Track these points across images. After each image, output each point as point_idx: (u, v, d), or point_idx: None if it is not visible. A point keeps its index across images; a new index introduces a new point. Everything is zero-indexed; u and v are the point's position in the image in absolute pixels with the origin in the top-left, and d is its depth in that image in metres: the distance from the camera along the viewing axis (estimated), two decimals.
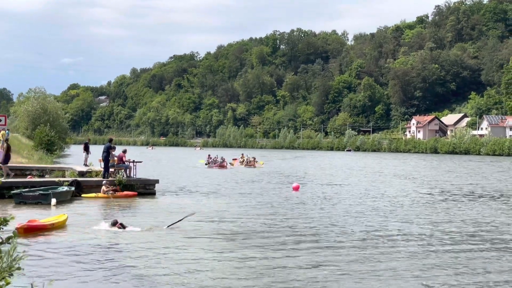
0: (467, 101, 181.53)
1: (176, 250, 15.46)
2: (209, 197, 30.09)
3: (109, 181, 29.11)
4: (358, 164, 77.13)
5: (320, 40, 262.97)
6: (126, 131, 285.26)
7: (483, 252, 16.01)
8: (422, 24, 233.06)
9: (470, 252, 15.85)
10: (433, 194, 33.21)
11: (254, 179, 44.05)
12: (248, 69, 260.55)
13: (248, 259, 14.48)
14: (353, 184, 40.20)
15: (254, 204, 27.11)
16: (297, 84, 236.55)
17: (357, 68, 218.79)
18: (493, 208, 26.61)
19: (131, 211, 24.32)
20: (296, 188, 34.52)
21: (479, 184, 41.56)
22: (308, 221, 21.39)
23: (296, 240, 17.34)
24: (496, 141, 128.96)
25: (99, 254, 14.82)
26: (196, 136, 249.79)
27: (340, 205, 27.12)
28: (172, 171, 53.80)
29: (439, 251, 15.93)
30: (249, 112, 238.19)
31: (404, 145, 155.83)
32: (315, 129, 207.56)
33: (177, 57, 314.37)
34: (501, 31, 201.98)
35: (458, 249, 16.31)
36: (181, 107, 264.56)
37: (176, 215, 22.40)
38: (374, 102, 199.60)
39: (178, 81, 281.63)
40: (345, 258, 14.70)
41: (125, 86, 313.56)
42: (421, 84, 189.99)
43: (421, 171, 59.92)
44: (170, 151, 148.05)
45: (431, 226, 20.59)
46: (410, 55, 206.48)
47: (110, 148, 30.38)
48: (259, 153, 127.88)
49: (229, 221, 21.11)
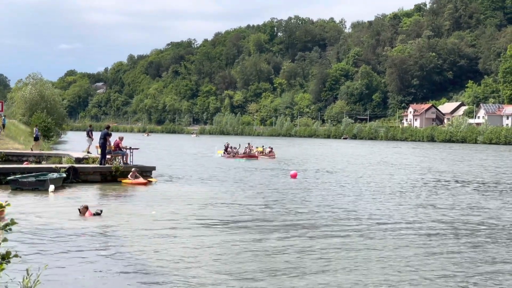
0: (464, 90, 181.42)
1: (170, 236, 15.50)
2: (206, 184, 30.13)
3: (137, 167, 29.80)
4: (355, 151, 77.21)
5: (317, 28, 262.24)
6: (123, 118, 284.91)
7: (474, 240, 16.09)
8: (420, 12, 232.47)
9: (459, 240, 15.94)
10: (429, 182, 33.28)
11: (252, 167, 44.05)
12: (245, 56, 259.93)
13: (241, 244, 14.55)
14: (351, 172, 40.27)
15: (251, 191, 27.14)
16: (294, 72, 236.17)
17: (354, 56, 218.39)
18: (490, 197, 26.70)
19: (128, 197, 24.34)
20: (294, 175, 34.55)
21: (473, 172, 41.68)
22: (304, 209, 21.45)
23: (291, 227, 17.39)
24: (492, 129, 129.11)
25: (91, 241, 14.83)
26: (193, 123, 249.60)
27: (336, 192, 27.17)
28: (169, 158, 53.82)
29: (432, 240, 16.00)
30: (246, 99, 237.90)
31: (401, 133, 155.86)
32: (312, 116, 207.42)
33: (174, 44, 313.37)
34: (499, 20, 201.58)
35: (452, 237, 16.40)
36: (178, 94, 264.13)
37: (171, 201, 22.48)
38: (371, 90, 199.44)
39: (175, 68, 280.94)
40: (339, 245, 14.76)
41: (122, 72, 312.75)
42: (418, 72, 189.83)
43: (416, 159, 60.01)
44: (166, 138, 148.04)
45: (425, 214, 20.67)
46: (408, 43, 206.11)
47: (107, 134, 30.35)
48: (257, 141, 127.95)
49: (224, 208, 21.19)
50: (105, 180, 28.98)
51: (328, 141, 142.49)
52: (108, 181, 28.79)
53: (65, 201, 21.93)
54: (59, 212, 19.00)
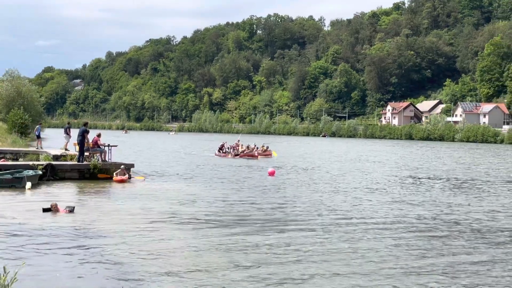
0: (442, 88, 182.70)
1: (146, 233, 15.46)
2: (184, 181, 30.07)
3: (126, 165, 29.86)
4: (334, 149, 77.47)
5: (296, 26, 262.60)
6: (101, 115, 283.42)
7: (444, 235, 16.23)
8: (398, 11, 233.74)
9: (429, 234, 16.07)
10: (403, 179, 33.49)
11: (231, 164, 44.05)
12: (224, 54, 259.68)
13: (217, 241, 14.56)
14: (329, 169, 40.42)
15: (227, 188, 27.17)
16: (273, 70, 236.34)
17: (333, 54, 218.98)
18: (463, 194, 26.93)
19: (106, 194, 24.23)
20: (271, 173, 34.58)
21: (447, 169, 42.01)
22: (280, 206, 21.53)
23: (267, 223, 17.46)
24: (470, 127, 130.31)
25: (68, 238, 14.76)
26: (172, 120, 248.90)
27: (313, 189, 27.25)
28: (148, 156, 53.60)
29: (407, 235, 16.13)
30: (225, 97, 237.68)
31: (379, 131, 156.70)
32: (291, 114, 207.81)
33: (153, 41, 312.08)
34: (476, 19, 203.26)
35: (424, 233, 16.53)
36: (157, 91, 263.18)
37: (149, 198, 22.43)
38: (350, 88, 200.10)
39: (154, 65, 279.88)
40: (313, 240, 14.85)
41: (100, 69, 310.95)
42: (397, 70, 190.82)
43: (393, 157, 60.36)
44: (145, 135, 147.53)
45: (397, 209, 20.84)
46: (386, 42, 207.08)
47: (85, 132, 30.13)
48: (235, 138, 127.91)
49: (201, 205, 21.19)
50: (83, 177, 28.80)
51: (307, 138, 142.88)
52: (86, 179, 28.62)
53: (42, 199, 21.75)
54: (35, 210, 18.86)
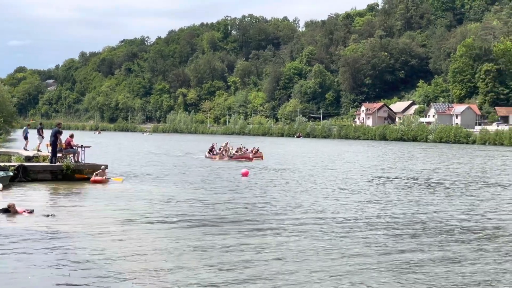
0: (415, 89, 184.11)
1: (120, 234, 15.39)
2: (157, 183, 29.95)
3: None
4: (308, 149, 77.67)
5: (271, 26, 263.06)
6: (75, 116, 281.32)
7: (417, 235, 16.37)
8: (372, 12, 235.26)
9: (399, 231, 16.20)
10: (374, 179, 33.71)
11: (203, 165, 44.00)
12: (199, 54, 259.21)
13: (192, 242, 14.58)
14: (302, 169, 40.52)
15: (204, 189, 27.14)
16: (248, 70, 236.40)
17: (308, 55, 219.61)
18: (435, 194, 27.18)
19: (79, 196, 24.05)
20: (245, 174, 34.60)
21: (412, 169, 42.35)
22: (254, 206, 21.60)
23: (241, 224, 17.51)
24: (442, 128, 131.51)
25: (39, 240, 14.63)
26: (146, 121, 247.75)
27: (286, 189, 27.33)
28: (123, 157, 53.30)
29: (376, 232, 16.27)
30: (200, 97, 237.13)
31: (354, 132, 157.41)
32: (265, 115, 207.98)
33: (127, 41, 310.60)
34: (449, 20, 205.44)
35: (395, 231, 16.66)
36: (131, 92, 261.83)
37: (124, 199, 22.31)
38: (325, 89, 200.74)
39: (128, 66, 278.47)
40: (287, 240, 14.93)
41: (73, 70, 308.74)
42: (370, 71, 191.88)
43: (366, 157, 60.72)
44: (119, 136, 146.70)
45: (373, 209, 20.96)
46: (360, 43, 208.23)
47: (58, 132, 29.86)
48: (210, 139, 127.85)
49: (176, 206, 21.18)
50: (56, 178, 28.54)
51: (281, 139, 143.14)
52: (59, 180, 28.37)
53: (13, 200, 21.50)
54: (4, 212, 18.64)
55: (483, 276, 12.28)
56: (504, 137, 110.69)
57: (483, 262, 13.49)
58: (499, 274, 12.50)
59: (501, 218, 20.36)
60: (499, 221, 19.65)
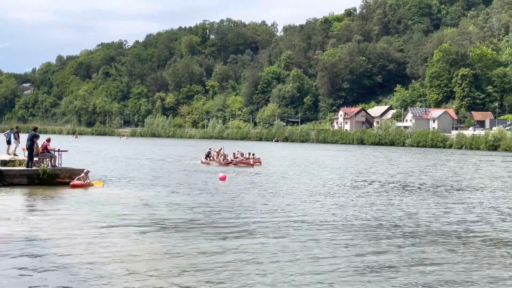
0: (392, 94, 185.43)
1: (97, 239, 15.29)
2: (135, 187, 29.79)
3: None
4: (286, 153, 77.79)
5: (249, 31, 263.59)
6: (52, 120, 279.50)
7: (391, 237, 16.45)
8: (350, 17, 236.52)
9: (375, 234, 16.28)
10: (350, 182, 33.86)
11: (188, 170, 43.85)
12: (177, 58, 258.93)
13: (169, 246, 14.55)
14: (278, 173, 40.54)
15: (179, 193, 27.05)
16: (226, 74, 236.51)
17: (286, 59, 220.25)
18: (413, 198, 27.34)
19: (55, 201, 23.83)
20: (222, 178, 34.53)
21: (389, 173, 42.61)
22: (231, 210, 21.61)
23: (215, 228, 17.50)
24: (420, 132, 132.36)
25: (14, 245, 14.49)
26: (124, 125, 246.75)
27: (262, 193, 27.35)
28: (99, 161, 52.97)
29: (349, 235, 16.34)
30: (178, 101, 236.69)
31: (332, 136, 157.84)
32: (244, 119, 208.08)
33: (105, 44, 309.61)
34: (426, 25, 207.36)
35: (370, 235, 16.73)
36: (108, 95, 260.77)
37: (103, 203, 22.16)
38: (303, 93, 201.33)
39: (105, 69, 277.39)
40: (264, 242, 14.97)
41: (50, 73, 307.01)
42: (348, 76, 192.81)
43: (342, 161, 60.95)
44: (96, 140, 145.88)
45: (348, 212, 21.07)
46: (338, 47, 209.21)
47: (34, 136, 29.59)
48: (188, 143, 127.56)
49: (155, 211, 21.09)
50: (32, 183, 28.26)
51: (259, 143, 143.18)
52: (35, 184, 28.09)
53: None
54: None
55: (452, 276, 12.49)
56: (480, 142, 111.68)
57: (453, 263, 13.71)
58: (469, 275, 12.74)
59: (472, 221, 20.60)
60: (470, 224, 19.87)
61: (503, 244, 16.32)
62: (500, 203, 26.09)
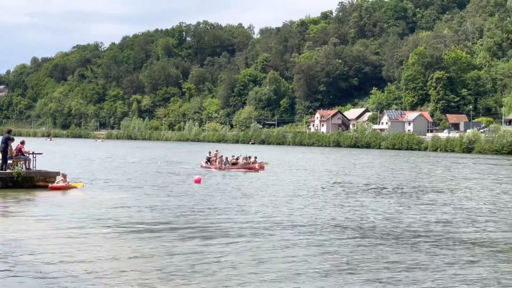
0: (368, 96, 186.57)
1: (73, 241, 15.25)
2: (109, 189, 29.69)
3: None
4: (262, 156, 77.86)
5: (226, 33, 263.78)
6: (26, 122, 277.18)
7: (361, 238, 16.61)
8: (326, 20, 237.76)
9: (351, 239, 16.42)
10: (327, 185, 34.02)
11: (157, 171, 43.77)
12: (153, 60, 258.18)
13: (145, 248, 14.55)
14: (254, 175, 40.57)
15: (152, 196, 27.00)
16: (203, 77, 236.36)
17: (262, 62, 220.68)
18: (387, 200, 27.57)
19: (29, 203, 23.69)
20: (197, 180, 34.55)
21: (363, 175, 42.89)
22: (206, 212, 21.63)
23: (190, 229, 17.55)
24: (395, 135, 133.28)
25: None
26: (100, 127, 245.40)
27: (236, 196, 27.41)
28: (74, 163, 52.64)
29: (324, 237, 16.42)
30: (154, 104, 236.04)
31: (308, 138, 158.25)
32: (220, 121, 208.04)
33: (80, 46, 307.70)
34: (401, 29, 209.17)
35: (346, 237, 16.88)
36: (84, 98, 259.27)
37: (79, 206, 22.07)
38: (279, 95, 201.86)
39: (81, 72, 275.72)
40: (239, 244, 15.03)
41: (25, 75, 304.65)
42: (325, 78, 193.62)
43: (317, 164, 61.20)
44: (71, 142, 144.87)
45: (322, 214, 21.19)
46: (315, 50, 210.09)
47: (8, 139, 29.35)
48: (164, 145, 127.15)
49: (132, 212, 21.05)
50: (6, 186, 28.01)
51: (236, 146, 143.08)
52: (9, 187, 27.85)
53: None
54: None
55: (424, 276, 12.61)
56: (455, 144, 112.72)
57: (428, 264, 13.83)
58: (447, 275, 12.85)
59: (447, 221, 20.80)
60: (435, 224, 20.08)
61: (470, 244, 16.53)
62: (472, 205, 26.39)
